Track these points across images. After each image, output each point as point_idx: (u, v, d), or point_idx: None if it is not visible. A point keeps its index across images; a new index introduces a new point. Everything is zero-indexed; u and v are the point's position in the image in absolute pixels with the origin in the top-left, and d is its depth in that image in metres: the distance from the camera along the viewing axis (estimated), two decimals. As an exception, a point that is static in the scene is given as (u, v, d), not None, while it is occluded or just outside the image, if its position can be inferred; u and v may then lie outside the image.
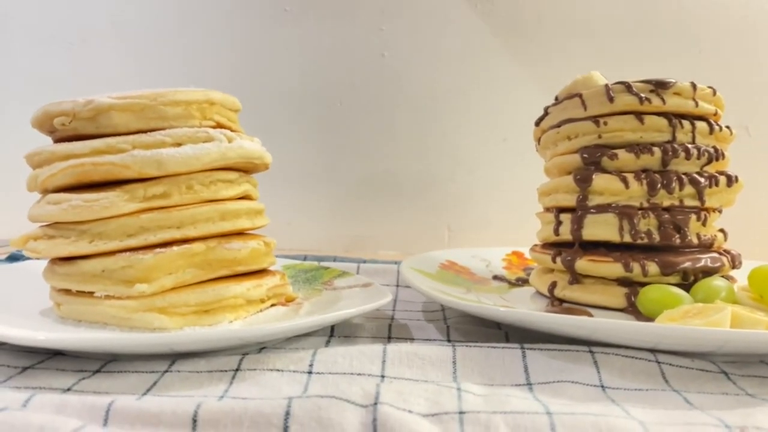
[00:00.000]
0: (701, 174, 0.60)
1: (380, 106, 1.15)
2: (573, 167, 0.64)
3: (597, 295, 0.60)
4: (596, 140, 0.62)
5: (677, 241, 0.59)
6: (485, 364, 0.45)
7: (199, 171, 0.52)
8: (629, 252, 0.59)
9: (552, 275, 0.65)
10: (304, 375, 0.43)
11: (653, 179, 0.59)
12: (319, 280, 0.67)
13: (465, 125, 1.14)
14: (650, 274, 0.58)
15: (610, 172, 0.61)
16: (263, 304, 0.56)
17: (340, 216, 1.17)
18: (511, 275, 0.77)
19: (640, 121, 0.60)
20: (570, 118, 0.64)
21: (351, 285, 0.63)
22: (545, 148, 0.69)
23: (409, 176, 1.16)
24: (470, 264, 0.79)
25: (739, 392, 0.42)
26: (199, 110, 0.53)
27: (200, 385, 0.42)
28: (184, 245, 0.50)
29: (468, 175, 1.15)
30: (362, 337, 0.54)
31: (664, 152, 0.59)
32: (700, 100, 0.61)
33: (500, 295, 0.67)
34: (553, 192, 0.66)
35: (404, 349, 0.46)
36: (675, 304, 0.52)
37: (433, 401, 0.37)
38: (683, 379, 0.44)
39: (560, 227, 0.64)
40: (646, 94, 0.60)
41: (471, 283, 0.70)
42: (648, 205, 0.59)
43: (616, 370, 0.44)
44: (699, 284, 0.56)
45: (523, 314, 0.48)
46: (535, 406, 0.37)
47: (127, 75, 1.17)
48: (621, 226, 0.59)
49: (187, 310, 0.50)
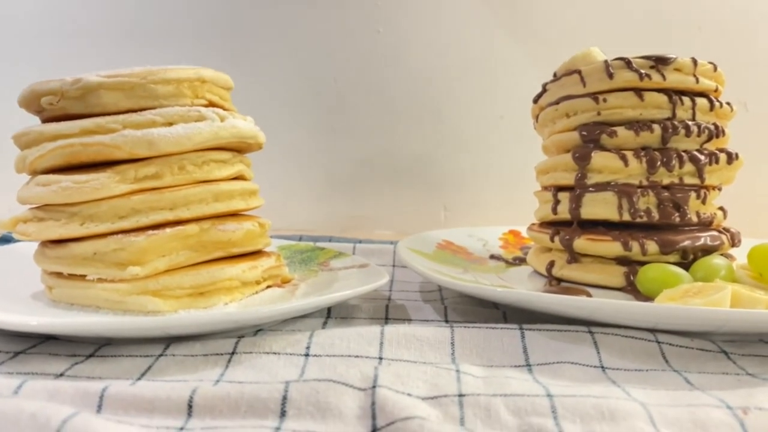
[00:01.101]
0: (701, 151, 0.59)
1: (375, 83, 1.14)
2: (571, 145, 0.63)
3: (595, 274, 0.59)
4: (595, 117, 0.61)
5: (677, 220, 0.58)
6: (484, 346, 0.44)
7: (191, 151, 0.51)
8: (628, 231, 0.59)
9: (550, 254, 0.64)
10: (301, 358, 0.42)
11: (653, 157, 0.58)
12: (314, 261, 0.66)
13: (462, 103, 1.13)
14: (649, 252, 0.57)
15: (609, 150, 0.60)
16: (259, 286, 0.55)
17: (336, 196, 1.16)
18: (508, 254, 0.76)
19: (639, 98, 0.59)
20: (569, 95, 0.63)
21: (347, 266, 0.62)
22: (543, 125, 0.68)
23: (405, 155, 1.14)
24: (467, 243, 0.78)
25: (739, 372, 0.42)
26: (190, 88, 0.52)
27: (195, 369, 0.41)
28: (177, 227, 0.49)
29: (464, 154, 1.14)
30: (359, 318, 0.54)
31: (664, 129, 0.58)
32: (700, 76, 0.60)
33: (497, 274, 0.66)
34: (551, 170, 0.65)
35: (402, 331, 0.45)
36: (674, 283, 0.51)
37: (432, 384, 0.37)
38: (683, 359, 0.44)
39: (558, 206, 0.63)
40: (646, 70, 0.59)
41: (468, 262, 0.70)
42: (647, 183, 0.58)
43: (616, 351, 0.44)
44: (698, 263, 0.55)
45: (521, 295, 0.47)
46: (536, 388, 0.36)
47: (115, 55, 1.15)
48: (620, 204, 0.58)
49: (181, 293, 0.49)
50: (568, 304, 0.45)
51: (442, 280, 0.52)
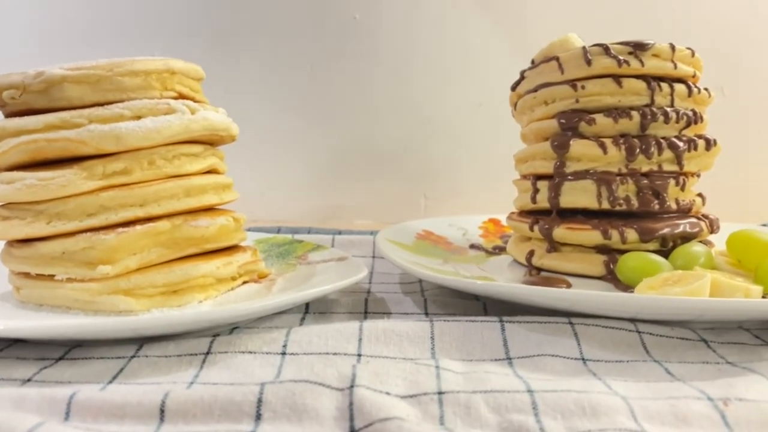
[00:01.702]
0: (680, 138, 0.59)
1: (352, 70, 1.12)
2: (550, 133, 0.62)
3: (575, 263, 0.59)
4: (574, 105, 0.61)
5: (656, 207, 0.58)
6: (464, 339, 0.44)
7: (161, 145, 0.49)
8: (608, 219, 0.58)
9: (529, 243, 0.64)
10: (278, 357, 0.41)
11: (631, 144, 0.58)
12: (292, 255, 0.65)
13: (440, 90, 1.12)
14: (629, 241, 0.57)
15: (588, 138, 0.59)
16: (234, 282, 0.54)
17: (315, 186, 1.14)
18: (488, 243, 0.76)
19: (618, 85, 0.59)
20: (547, 83, 0.63)
21: (326, 259, 0.61)
22: (522, 113, 0.68)
23: (384, 144, 1.13)
24: (447, 233, 0.77)
25: (719, 360, 0.42)
26: (159, 80, 0.50)
27: (169, 370, 0.40)
28: (148, 224, 0.48)
29: (444, 142, 1.13)
30: (338, 313, 0.53)
31: (643, 116, 0.58)
32: (678, 62, 0.60)
33: (478, 265, 0.66)
34: (530, 159, 0.64)
35: (381, 326, 0.45)
36: (654, 272, 0.51)
37: (412, 381, 0.36)
38: (664, 349, 0.43)
39: (537, 195, 0.63)
40: (625, 56, 0.59)
41: (448, 253, 0.69)
42: (626, 170, 0.58)
43: (597, 342, 0.43)
44: (678, 250, 0.55)
45: (500, 287, 0.47)
46: (516, 383, 0.36)
47: (83, 50, 1.12)
48: (599, 192, 0.58)
49: (154, 292, 0.48)
50: (547, 296, 0.45)
51: (422, 273, 0.51)
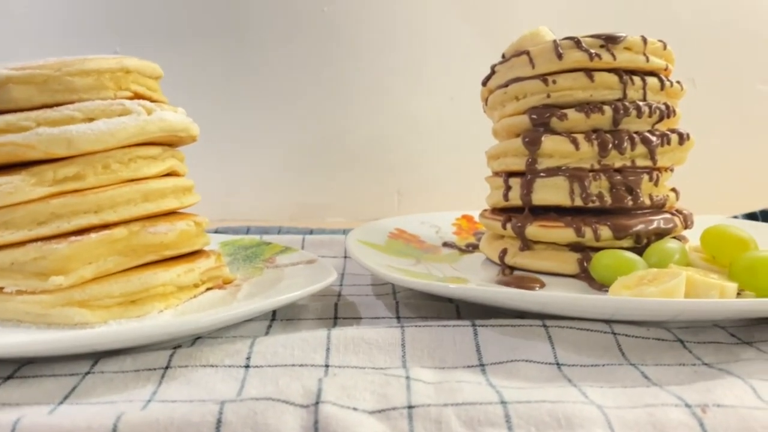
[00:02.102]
0: (653, 132, 0.58)
1: (321, 64, 1.10)
2: (522, 129, 0.61)
3: (549, 262, 0.58)
4: (545, 100, 0.59)
5: (629, 203, 0.57)
6: (435, 346, 0.42)
7: (115, 148, 0.47)
8: (581, 216, 0.57)
9: (502, 242, 0.63)
10: (241, 370, 0.39)
11: (604, 139, 0.57)
12: (260, 257, 0.63)
13: (411, 84, 1.10)
14: (602, 238, 0.56)
15: (560, 134, 0.58)
16: (197, 289, 0.52)
17: (285, 184, 1.12)
18: (461, 241, 0.74)
19: (590, 79, 0.57)
20: (517, 77, 0.61)
21: (294, 262, 0.59)
22: (493, 109, 0.66)
23: (355, 139, 1.11)
24: (420, 231, 0.76)
25: (695, 362, 0.41)
26: (112, 80, 0.48)
27: (125, 387, 0.38)
28: (104, 231, 0.46)
29: (416, 137, 1.11)
30: (306, 319, 0.51)
31: (615, 111, 0.57)
32: (650, 55, 0.59)
33: (451, 264, 0.64)
34: (501, 156, 0.63)
35: (350, 334, 0.43)
36: (628, 270, 0.50)
37: (380, 395, 0.35)
38: (639, 350, 0.42)
39: (510, 192, 0.61)
40: (596, 49, 0.57)
41: (421, 252, 0.68)
42: (599, 166, 0.57)
43: (571, 345, 0.42)
44: (652, 247, 0.54)
45: (473, 291, 0.45)
46: (489, 393, 0.35)
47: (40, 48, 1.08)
48: (572, 189, 0.57)
49: (111, 302, 0.46)
50: (520, 299, 0.44)
51: (392, 277, 0.50)
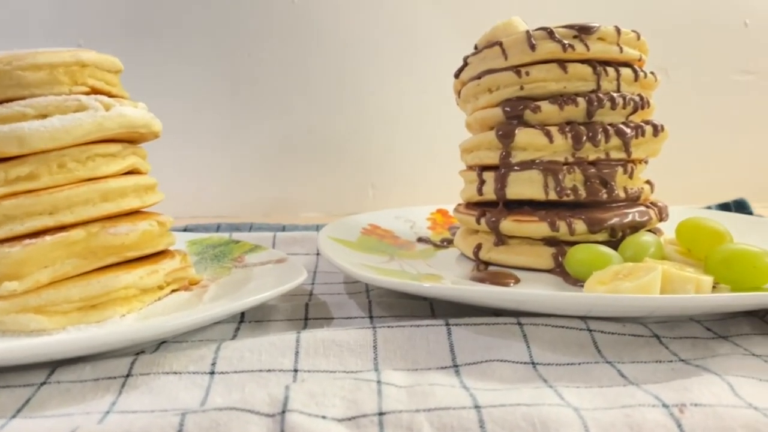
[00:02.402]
0: (627, 124, 0.58)
1: (292, 57, 1.08)
2: (495, 122, 0.60)
3: (523, 257, 0.57)
4: (518, 92, 0.58)
5: (604, 196, 0.56)
6: (408, 347, 0.41)
7: (72, 146, 0.45)
8: (555, 210, 0.57)
9: (477, 236, 0.62)
10: (206, 377, 0.38)
11: (578, 132, 0.56)
12: (228, 257, 0.61)
13: (384, 76, 1.09)
14: (577, 232, 0.55)
15: (534, 126, 0.57)
16: (162, 292, 0.50)
17: (257, 178, 1.10)
18: (436, 236, 0.73)
19: (563, 70, 0.56)
20: (490, 69, 0.60)
21: (263, 261, 0.57)
22: (466, 101, 0.65)
23: (328, 133, 1.09)
24: (394, 226, 0.75)
25: (672, 358, 0.40)
26: (67, 74, 0.46)
27: (83, 398, 0.36)
28: (60, 233, 0.44)
29: (390, 130, 1.10)
30: (276, 321, 0.49)
31: (589, 102, 0.56)
32: (624, 45, 0.58)
33: (425, 260, 0.63)
34: (475, 149, 0.62)
35: (320, 336, 0.41)
36: (603, 265, 0.49)
37: (350, 401, 0.33)
38: (616, 347, 0.42)
39: (484, 186, 0.60)
40: (569, 40, 0.56)
41: (395, 248, 0.66)
42: (573, 159, 0.56)
43: (547, 343, 0.41)
44: (627, 241, 0.54)
45: (446, 290, 0.44)
46: (463, 397, 0.33)
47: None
48: (546, 183, 0.56)
49: (69, 307, 0.44)
50: (494, 298, 0.43)
51: (364, 276, 0.48)
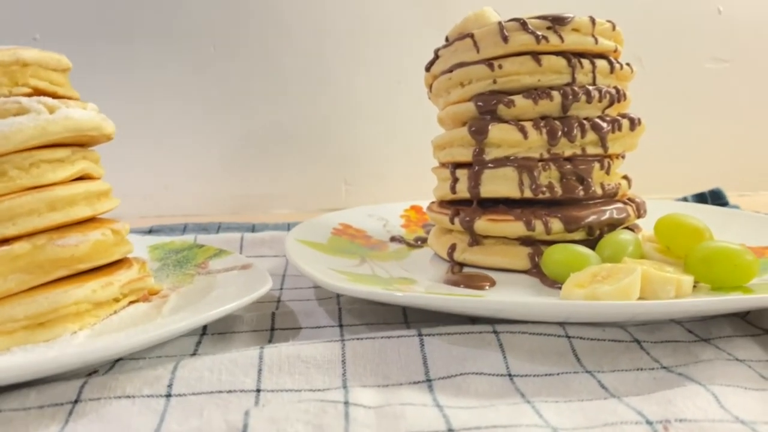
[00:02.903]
0: (603, 118, 0.56)
1: (259, 49, 1.04)
2: (468, 117, 0.58)
3: (499, 257, 0.55)
4: (491, 86, 0.56)
5: (581, 193, 0.54)
6: (379, 360, 0.39)
7: (12, 152, 0.41)
8: (531, 208, 0.55)
9: (451, 236, 0.59)
10: (161, 400, 0.35)
11: (553, 127, 0.54)
12: (191, 262, 0.58)
13: (356, 68, 1.06)
14: (554, 231, 0.53)
15: (508, 121, 0.55)
16: (118, 304, 0.47)
17: (227, 175, 1.07)
18: (410, 234, 0.71)
19: (537, 63, 0.54)
20: (462, 62, 0.58)
21: (228, 267, 0.55)
22: (437, 96, 0.63)
23: (299, 127, 1.06)
24: (366, 225, 0.72)
25: (654, 365, 0.39)
26: (6, 74, 0.42)
27: (26, 428, 0.33)
28: (2, 247, 0.40)
29: (363, 123, 1.07)
30: (240, 332, 0.47)
31: (564, 96, 0.54)
32: (599, 36, 0.56)
33: (398, 261, 0.61)
34: (447, 146, 0.60)
35: (285, 352, 0.39)
36: (581, 266, 0.48)
37: (315, 426, 0.31)
38: (595, 355, 0.40)
39: (457, 184, 0.58)
40: (543, 31, 0.54)
41: (366, 249, 0.64)
42: (548, 155, 0.54)
43: (524, 353, 0.40)
44: (605, 240, 0.52)
45: (419, 298, 0.42)
46: (435, 419, 0.31)
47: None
48: (521, 180, 0.54)
49: (14, 326, 0.41)
50: (468, 306, 0.40)
51: (333, 285, 0.46)
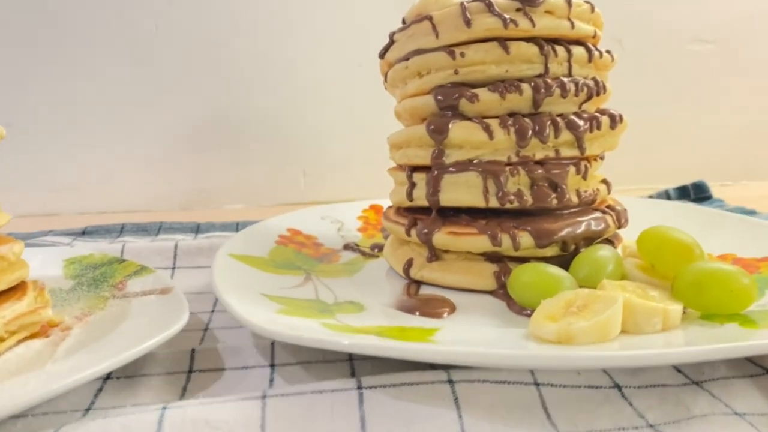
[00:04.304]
0: (580, 115, 0.49)
1: (206, 29, 0.95)
2: (427, 112, 0.50)
3: (460, 276, 0.48)
4: (452, 77, 0.49)
5: (554, 202, 0.47)
6: (306, 424, 0.32)
7: None
8: (497, 219, 0.48)
9: (408, 249, 0.52)
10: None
11: (522, 126, 0.47)
12: (108, 282, 0.50)
13: (313, 50, 0.97)
14: (523, 246, 0.46)
15: (471, 119, 0.48)
16: (4, 344, 0.40)
17: (175, 167, 0.98)
18: (366, 241, 0.64)
19: (505, 51, 0.47)
20: (419, 49, 0.50)
21: (146, 290, 0.47)
22: (394, 86, 0.55)
23: (252, 114, 0.98)
24: (318, 230, 0.65)
25: (638, 423, 0.32)
26: None
27: None
28: None
29: (321, 110, 0.99)
30: (151, 375, 0.39)
31: (536, 90, 0.47)
32: (576, 20, 0.49)
33: (349, 276, 0.54)
34: (404, 145, 0.52)
35: (191, 415, 0.32)
36: (553, 290, 0.41)
37: None
38: (569, 408, 0.33)
39: (414, 190, 0.51)
40: (512, 14, 0.47)
41: (314, 261, 0.57)
42: (517, 159, 0.47)
43: (483, 409, 0.33)
44: (581, 257, 0.45)
45: (356, 345, 0.34)
46: None
47: None
48: (485, 187, 0.47)
49: None
50: (415, 354, 0.33)
51: (260, 329, 0.37)
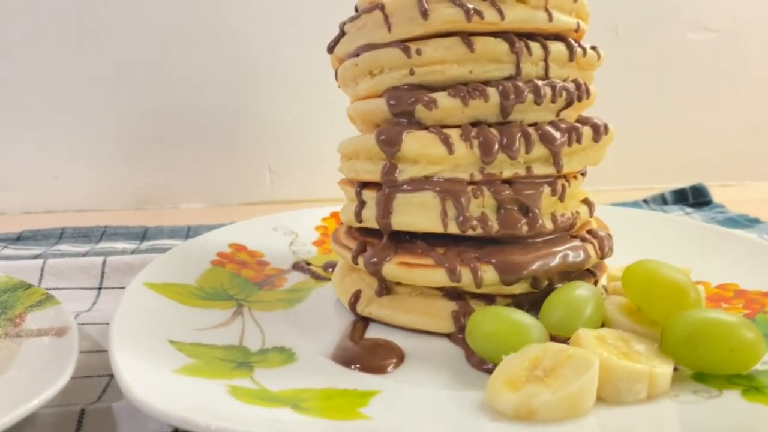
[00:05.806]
0: (557, 125, 0.41)
1: (161, 12, 0.87)
2: (380, 118, 0.43)
3: (414, 315, 0.41)
4: (408, 78, 0.41)
5: (524, 229, 0.40)
6: None
7: None
8: (458, 248, 0.40)
9: (357, 277, 0.45)
10: None
11: (488, 138, 0.39)
12: (8, 314, 0.43)
13: (278, 35, 0.90)
14: (486, 283, 0.39)
15: (428, 128, 0.40)
16: None
17: (128, 162, 0.90)
18: (321, 258, 0.57)
19: (468, 48, 0.39)
20: (370, 44, 0.43)
21: (43, 329, 0.40)
22: (345, 85, 0.48)
23: (213, 106, 0.90)
24: (267, 244, 0.58)
25: None
26: None
27: None
28: None
29: (288, 100, 0.91)
30: (28, 446, 0.32)
31: (504, 95, 0.39)
32: (554, 10, 0.41)
33: (288, 308, 0.46)
34: (353, 156, 0.45)
35: None
36: (518, 343, 0.34)
37: None
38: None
39: (363, 210, 0.44)
40: (476, 4, 0.39)
41: (253, 287, 0.49)
42: (482, 177, 0.40)
43: None
44: (554, 298, 0.38)
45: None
46: None
47: None
48: (444, 210, 0.40)
49: None
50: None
51: (141, 403, 0.29)
